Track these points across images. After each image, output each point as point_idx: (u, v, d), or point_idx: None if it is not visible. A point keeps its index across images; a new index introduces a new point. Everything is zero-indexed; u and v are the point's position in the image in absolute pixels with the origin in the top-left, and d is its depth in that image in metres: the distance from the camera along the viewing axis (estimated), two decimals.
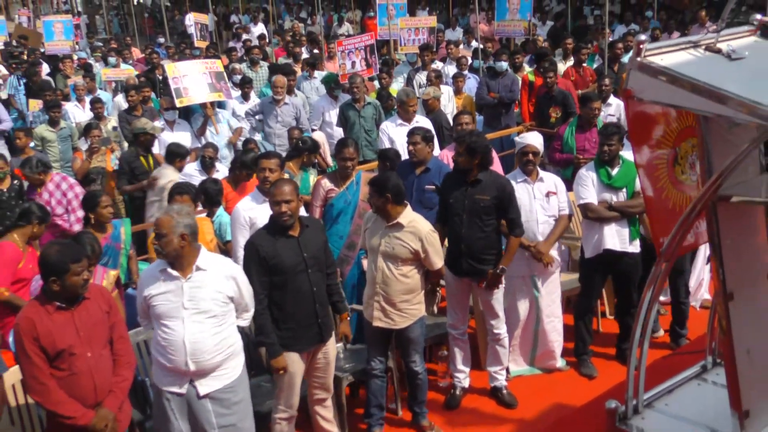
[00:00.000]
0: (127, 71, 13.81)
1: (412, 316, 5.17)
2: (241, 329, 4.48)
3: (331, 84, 10.42)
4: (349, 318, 5.25)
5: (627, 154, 5.82)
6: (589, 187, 5.87)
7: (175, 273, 4.14)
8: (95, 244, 5.20)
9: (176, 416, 4.21)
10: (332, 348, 4.95)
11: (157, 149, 8.81)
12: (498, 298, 5.56)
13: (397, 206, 5.04)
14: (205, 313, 4.14)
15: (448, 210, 5.51)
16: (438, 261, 5.18)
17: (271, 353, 4.57)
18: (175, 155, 7.46)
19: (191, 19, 17.37)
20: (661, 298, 6.55)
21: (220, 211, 6.45)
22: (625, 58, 10.80)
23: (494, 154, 6.67)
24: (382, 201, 5.00)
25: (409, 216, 5.08)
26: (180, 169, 7.45)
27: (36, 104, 11.34)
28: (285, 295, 4.61)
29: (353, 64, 10.62)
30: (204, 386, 4.19)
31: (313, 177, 7.17)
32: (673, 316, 6.39)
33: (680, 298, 6.31)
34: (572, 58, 11.29)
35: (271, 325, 4.58)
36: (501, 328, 5.63)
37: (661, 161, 2.76)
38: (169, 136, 8.91)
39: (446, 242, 5.65)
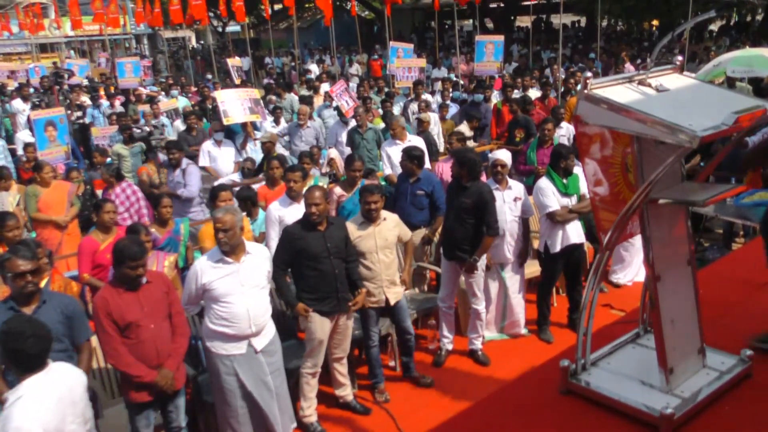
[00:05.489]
0: (173, 101, 13.77)
1: (401, 291, 5.23)
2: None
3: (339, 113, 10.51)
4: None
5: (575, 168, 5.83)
6: (551, 196, 5.79)
7: (230, 260, 4.15)
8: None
9: (236, 372, 4.19)
10: (350, 318, 4.95)
11: (207, 162, 8.79)
12: (477, 281, 5.53)
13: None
14: (257, 286, 4.20)
15: (447, 208, 5.52)
16: (408, 232, 5.30)
17: (293, 305, 4.66)
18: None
19: (229, 63, 17.51)
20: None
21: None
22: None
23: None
24: (380, 203, 5.05)
25: (384, 213, 5.14)
26: None
27: (97, 131, 11.39)
28: (311, 274, 4.63)
29: (347, 102, 10.72)
30: (258, 343, 4.22)
31: (321, 182, 7.13)
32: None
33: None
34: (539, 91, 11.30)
35: (286, 285, 4.65)
36: (479, 305, 5.60)
37: (615, 169, 2.74)
38: (217, 152, 8.88)
39: None
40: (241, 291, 4.14)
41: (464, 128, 9.87)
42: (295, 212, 5.46)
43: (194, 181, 7.54)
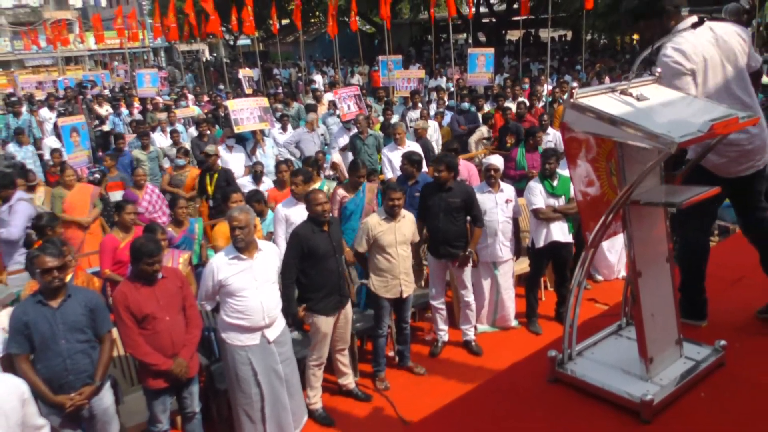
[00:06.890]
0: (191, 110, 13.72)
1: (413, 285, 5.26)
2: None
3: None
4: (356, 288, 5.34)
5: (564, 171, 5.82)
6: (538, 196, 5.85)
7: (244, 257, 4.16)
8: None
9: (251, 362, 4.19)
10: (350, 311, 4.97)
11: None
12: (467, 274, 5.55)
13: None
14: (269, 281, 4.21)
15: (428, 210, 5.48)
16: (417, 234, 5.33)
17: (294, 313, 4.60)
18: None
19: (241, 74, 17.51)
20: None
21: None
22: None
23: (476, 170, 6.69)
24: (402, 201, 5.09)
25: (403, 211, 5.16)
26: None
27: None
28: (318, 272, 4.63)
29: (349, 106, 10.64)
30: (271, 334, 4.24)
31: (327, 186, 7.14)
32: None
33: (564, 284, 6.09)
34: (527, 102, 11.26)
35: (293, 295, 4.60)
36: (469, 297, 5.62)
37: (600, 173, 2.73)
38: (229, 157, 8.88)
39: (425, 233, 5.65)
40: (254, 285, 4.14)
41: (484, 129, 9.94)
42: (299, 211, 5.48)
43: (18, 221, 6.08)
